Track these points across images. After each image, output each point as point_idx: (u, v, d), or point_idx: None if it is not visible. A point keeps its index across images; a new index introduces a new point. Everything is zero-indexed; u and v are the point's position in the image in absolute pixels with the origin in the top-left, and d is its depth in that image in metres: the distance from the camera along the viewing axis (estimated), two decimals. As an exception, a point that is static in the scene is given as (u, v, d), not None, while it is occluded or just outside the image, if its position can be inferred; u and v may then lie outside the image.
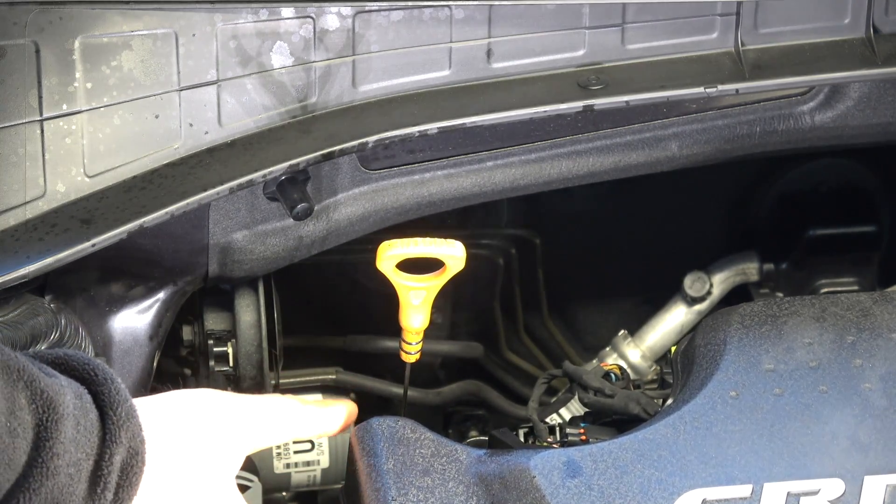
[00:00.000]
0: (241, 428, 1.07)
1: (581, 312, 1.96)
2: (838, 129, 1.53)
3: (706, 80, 1.36)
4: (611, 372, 1.38)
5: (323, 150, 1.27)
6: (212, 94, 1.27)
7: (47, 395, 0.87)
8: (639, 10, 1.36)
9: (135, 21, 1.23)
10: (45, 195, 1.21)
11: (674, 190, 1.78)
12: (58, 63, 1.20)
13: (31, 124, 1.20)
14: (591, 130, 1.48)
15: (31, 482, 0.85)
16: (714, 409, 1.23)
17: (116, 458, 0.90)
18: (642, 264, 1.88)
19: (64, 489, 0.87)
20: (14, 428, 0.84)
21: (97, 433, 0.90)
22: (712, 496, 1.19)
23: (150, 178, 1.25)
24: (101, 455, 0.90)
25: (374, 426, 1.25)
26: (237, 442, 1.06)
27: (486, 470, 1.21)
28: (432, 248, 1.24)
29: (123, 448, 0.91)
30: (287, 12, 1.28)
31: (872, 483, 1.19)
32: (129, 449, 0.91)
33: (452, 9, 1.32)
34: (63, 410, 0.87)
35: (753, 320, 1.31)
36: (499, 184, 1.47)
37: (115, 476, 0.90)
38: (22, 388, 0.85)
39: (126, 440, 0.91)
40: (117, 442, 0.90)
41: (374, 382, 1.79)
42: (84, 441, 0.89)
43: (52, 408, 0.87)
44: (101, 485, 0.90)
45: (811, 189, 1.83)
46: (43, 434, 0.86)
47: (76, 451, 0.88)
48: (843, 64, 1.39)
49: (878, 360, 1.27)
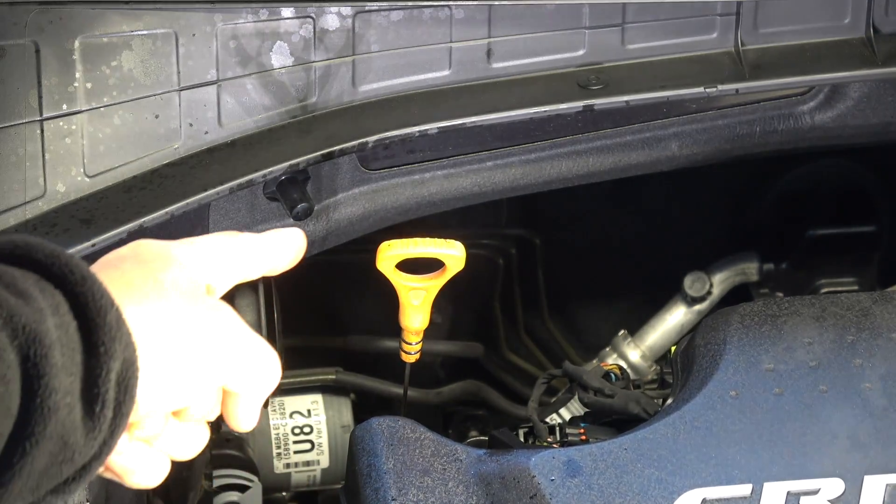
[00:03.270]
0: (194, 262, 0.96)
1: (581, 312, 1.96)
2: (838, 129, 1.53)
3: (706, 80, 1.36)
4: (611, 372, 1.38)
5: (323, 150, 1.27)
6: (212, 94, 1.27)
7: (29, 329, 0.79)
8: (639, 10, 1.36)
9: (135, 21, 1.23)
10: (45, 195, 1.21)
11: (674, 190, 1.78)
12: (58, 63, 1.20)
13: (31, 124, 1.20)
14: (591, 130, 1.48)
15: (34, 426, 0.79)
16: (714, 409, 1.23)
17: (112, 374, 0.82)
18: (642, 264, 1.88)
19: (65, 421, 0.80)
20: (3, 373, 0.77)
21: (80, 348, 0.82)
22: (712, 496, 1.19)
23: (150, 178, 1.25)
24: (93, 372, 0.82)
25: (374, 426, 1.25)
26: (198, 273, 0.96)
27: (486, 470, 1.21)
28: (432, 248, 1.24)
29: (118, 361, 0.83)
30: (287, 12, 1.28)
31: (872, 483, 1.19)
32: (124, 360, 0.83)
33: (452, 9, 1.32)
34: (48, 340, 0.79)
35: (753, 320, 1.31)
36: (499, 184, 1.47)
37: (113, 392, 0.83)
38: (1, 326, 0.78)
39: (120, 351, 0.83)
40: (112, 357, 0.82)
41: (374, 382, 1.79)
42: (70, 363, 0.81)
43: (38, 340, 0.79)
44: (98, 404, 0.82)
45: (811, 189, 1.83)
46: (33, 372, 0.78)
47: (66, 378, 0.80)
48: (843, 64, 1.39)
49: (878, 359, 1.27)
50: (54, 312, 0.81)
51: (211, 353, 0.90)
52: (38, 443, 0.79)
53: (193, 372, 0.90)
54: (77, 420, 0.82)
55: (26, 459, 0.79)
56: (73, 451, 0.82)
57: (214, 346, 0.90)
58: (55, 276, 0.83)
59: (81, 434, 0.82)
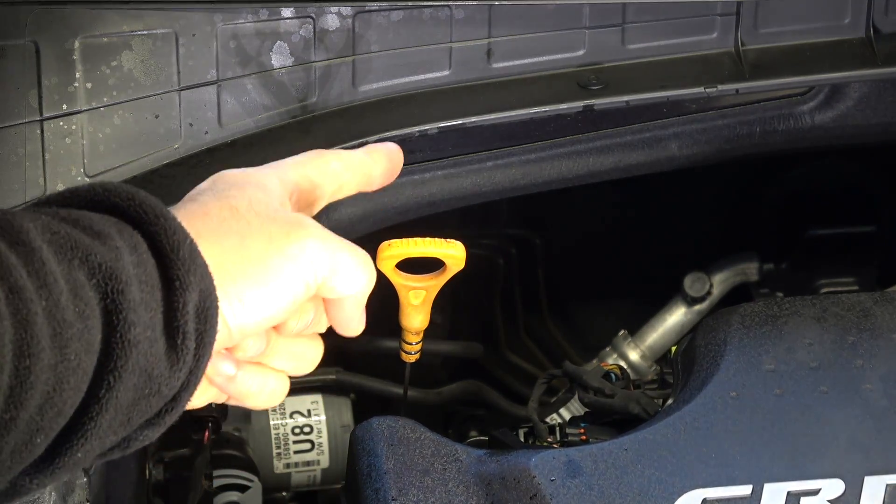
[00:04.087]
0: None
1: (581, 312, 1.96)
2: (838, 129, 1.53)
3: (706, 80, 1.36)
4: (611, 372, 1.38)
5: (323, 150, 1.27)
6: (212, 94, 1.27)
7: (106, 267, 0.80)
8: (639, 10, 1.36)
9: (135, 21, 1.23)
10: (45, 195, 1.21)
11: (674, 190, 1.78)
12: (58, 63, 1.20)
13: (31, 124, 1.20)
14: (591, 130, 1.48)
15: (115, 360, 0.80)
16: (714, 410, 1.23)
17: (190, 306, 0.84)
18: (642, 264, 1.88)
19: (147, 355, 0.81)
20: (82, 310, 0.78)
21: (159, 284, 0.83)
22: (712, 496, 1.19)
23: (150, 178, 1.25)
24: (172, 306, 0.83)
25: (374, 426, 1.25)
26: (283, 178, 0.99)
27: (486, 470, 1.21)
28: (432, 248, 1.24)
29: (195, 293, 0.84)
30: (287, 12, 1.28)
31: (872, 483, 1.19)
32: (200, 291, 0.84)
33: (452, 9, 1.32)
34: (125, 276, 0.81)
35: (753, 320, 1.31)
36: (499, 184, 1.47)
37: (193, 324, 0.84)
38: (78, 266, 0.79)
39: (196, 283, 0.84)
40: (188, 289, 0.83)
41: (374, 382, 1.79)
42: (150, 299, 0.82)
43: (115, 276, 0.80)
44: (179, 336, 0.83)
45: (811, 189, 1.82)
46: (111, 307, 0.80)
47: (146, 313, 0.82)
48: (843, 64, 1.39)
49: (879, 360, 1.27)
50: (132, 251, 0.83)
51: (293, 267, 0.91)
52: (120, 376, 0.80)
53: (278, 288, 0.90)
54: (160, 353, 0.83)
55: (111, 393, 0.80)
56: (159, 383, 0.83)
57: (296, 260, 0.91)
58: (132, 217, 0.85)
59: (165, 367, 0.83)
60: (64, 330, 0.77)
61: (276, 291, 0.90)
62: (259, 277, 0.90)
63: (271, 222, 0.92)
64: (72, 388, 0.78)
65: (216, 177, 0.96)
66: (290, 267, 0.91)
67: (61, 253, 0.79)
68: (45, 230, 0.80)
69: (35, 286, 0.76)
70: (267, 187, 0.95)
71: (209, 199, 0.93)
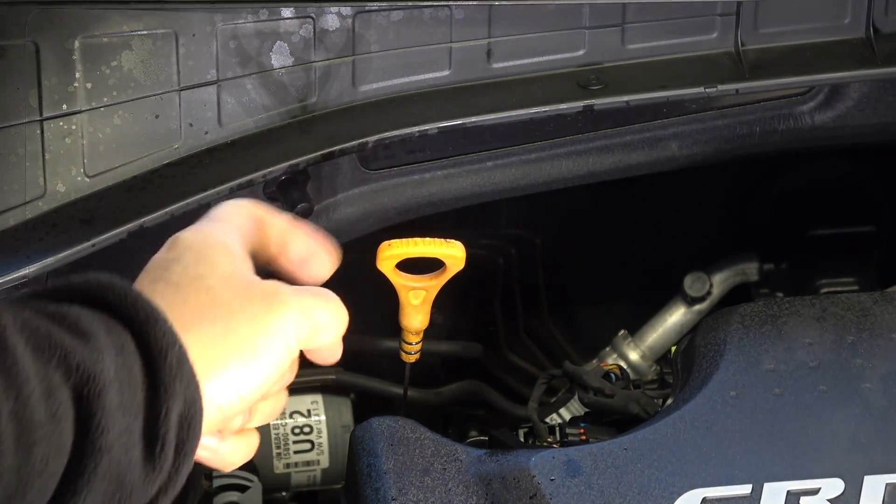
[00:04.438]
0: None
1: (581, 312, 1.96)
2: (838, 129, 1.53)
3: (706, 80, 1.36)
4: (611, 372, 1.38)
5: (323, 150, 1.27)
6: (212, 94, 1.27)
7: (84, 367, 0.79)
8: (639, 10, 1.36)
9: (135, 21, 1.23)
10: (45, 195, 1.21)
11: (674, 190, 1.78)
12: (58, 63, 1.20)
13: (31, 124, 1.20)
14: (591, 130, 1.48)
15: (85, 464, 0.78)
16: (714, 409, 1.23)
17: (173, 413, 0.82)
18: (642, 264, 1.88)
19: (120, 461, 0.80)
20: (55, 411, 0.77)
21: (142, 386, 0.82)
22: (712, 496, 1.19)
23: (150, 178, 1.25)
24: (155, 412, 0.82)
25: (374, 426, 1.25)
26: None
27: (486, 470, 1.21)
28: (432, 248, 1.24)
29: (180, 401, 0.83)
30: (287, 12, 1.28)
31: (872, 483, 1.19)
32: (185, 399, 0.83)
33: (452, 9, 1.32)
34: (104, 378, 0.79)
35: (753, 320, 1.31)
36: (499, 184, 1.47)
37: (174, 432, 0.83)
38: (56, 365, 0.78)
39: (181, 391, 0.83)
40: (173, 396, 0.82)
41: (374, 382, 1.79)
42: (129, 403, 0.81)
43: (93, 378, 0.79)
44: (158, 445, 0.82)
45: (811, 189, 1.82)
46: (86, 409, 0.78)
47: (124, 417, 0.80)
48: (843, 64, 1.39)
49: (879, 360, 1.27)
50: (119, 352, 0.82)
51: (279, 341, 0.92)
52: (89, 481, 0.79)
53: (267, 364, 0.92)
54: (136, 460, 0.82)
55: (78, 497, 0.79)
56: (130, 490, 0.82)
57: (280, 334, 0.93)
58: (123, 316, 0.84)
59: (140, 475, 0.82)
60: (31, 431, 0.75)
61: (266, 367, 0.92)
62: (248, 359, 0.91)
63: (250, 300, 0.92)
64: (36, 491, 0.76)
65: (174, 242, 0.95)
66: (276, 343, 0.92)
67: (39, 351, 0.78)
68: (25, 327, 0.78)
69: (3, 386, 0.75)
70: (229, 248, 0.95)
71: (182, 281, 0.91)
